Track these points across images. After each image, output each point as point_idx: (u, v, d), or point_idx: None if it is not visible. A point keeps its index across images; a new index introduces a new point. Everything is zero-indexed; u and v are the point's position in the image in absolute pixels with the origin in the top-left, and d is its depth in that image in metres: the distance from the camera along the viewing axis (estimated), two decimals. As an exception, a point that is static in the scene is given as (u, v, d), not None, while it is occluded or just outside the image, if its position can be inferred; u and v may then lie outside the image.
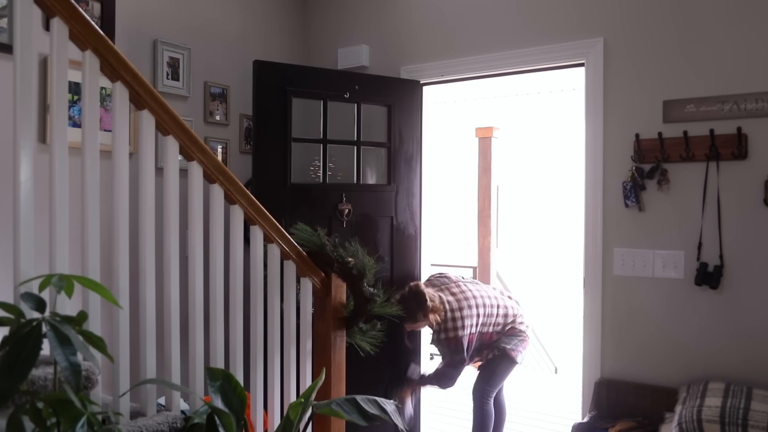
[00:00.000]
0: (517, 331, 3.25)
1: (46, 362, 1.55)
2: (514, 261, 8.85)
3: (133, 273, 1.80)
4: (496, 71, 3.40)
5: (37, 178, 1.53)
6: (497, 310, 3.23)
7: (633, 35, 2.95)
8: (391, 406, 1.79)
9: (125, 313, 1.74)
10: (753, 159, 2.69)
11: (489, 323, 3.20)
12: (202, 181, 1.96)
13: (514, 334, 3.24)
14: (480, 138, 6.26)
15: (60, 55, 1.60)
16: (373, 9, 3.77)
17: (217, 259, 2.01)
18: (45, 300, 1.28)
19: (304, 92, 3.34)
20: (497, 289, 3.45)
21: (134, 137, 2.74)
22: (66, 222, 1.60)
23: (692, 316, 2.82)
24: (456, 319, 3.09)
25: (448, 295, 3.19)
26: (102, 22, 2.80)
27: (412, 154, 3.58)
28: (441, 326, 3.11)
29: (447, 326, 3.10)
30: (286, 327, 2.28)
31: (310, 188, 3.38)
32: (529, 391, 5.08)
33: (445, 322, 3.11)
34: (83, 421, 1.18)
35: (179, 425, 1.76)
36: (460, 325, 3.09)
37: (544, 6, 3.19)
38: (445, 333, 3.11)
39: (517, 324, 3.27)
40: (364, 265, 2.31)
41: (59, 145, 1.59)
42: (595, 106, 3.04)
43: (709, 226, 2.78)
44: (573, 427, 2.80)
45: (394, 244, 3.53)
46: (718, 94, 2.75)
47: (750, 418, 2.27)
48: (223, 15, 3.48)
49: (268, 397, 2.25)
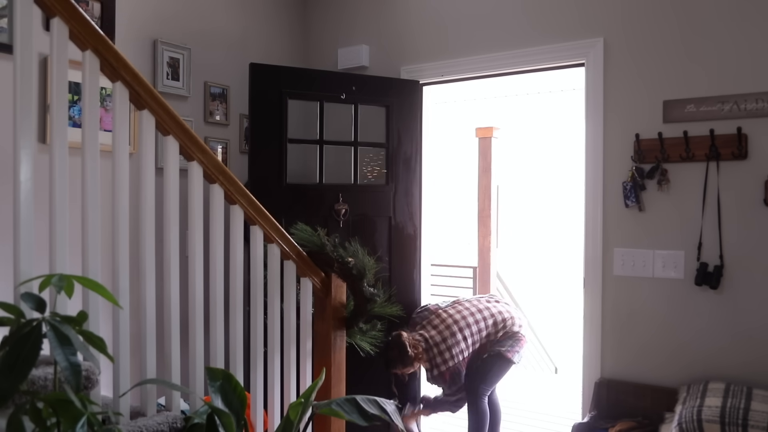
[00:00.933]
0: (511, 334, 3.23)
1: (46, 362, 1.55)
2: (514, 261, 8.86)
3: (133, 273, 1.80)
4: (496, 71, 3.40)
5: (37, 178, 1.53)
6: (485, 323, 3.19)
7: (633, 35, 2.95)
8: (391, 406, 1.79)
9: (125, 313, 1.74)
10: (753, 159, 2.69)
11: (480, 339, 3.18)
12: (202, 181, 1.96)
13: (509, 337, 3.23)
14: (480, 138, 6.25)
15: (60, 55, 1.60)
16: (373, 9, 3.77)
17: (217, 259, 2.01)
18: (45, 300, 1.28)
19: (300, 94, 3.36)
20: (482, 299, 3.39)
21: (134, 137, 2.75)
22: (66, 222, 1.60)
23: (692, 317, 2.82)
24: (443, 352, 3.06)
25: (430, 330, 3.14)
26: (102, 22, 2.80)
27: (411, 154, 3.58)
28: (431, 363, 3.08)
29: (437, 361, 3.07)
30: (286, 327, 2.28)
31: (306, 188, 3.39)
32: (529, 391, 5.08)
33: (434, 359, 3.07)
34: (83, 421, 1.18)
35: (179, 425, 1.76)
36: (449, 356, 3.06)
37: (544, 6, 3.19)
38: (437, 369, 3.08)
39: (510, 327, 3.24)
40: (364, 265, 2.31)
41: (59, 145, 1.59)
42: (595, 106, 3.04)
43: (709, 226, 2.78)
44: (573, 427, 2.80)
45: (392, 244, 3.53)
46: (718, 94, 2.75)
47: (750, 418, 2.27)
48: (223, 15, 3.48)
49: (268, 397, 2.25)
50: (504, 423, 3.56)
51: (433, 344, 3.08)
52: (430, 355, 3.08)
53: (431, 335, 3.11)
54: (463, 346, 3.10)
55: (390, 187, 3.53)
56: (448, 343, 3.07)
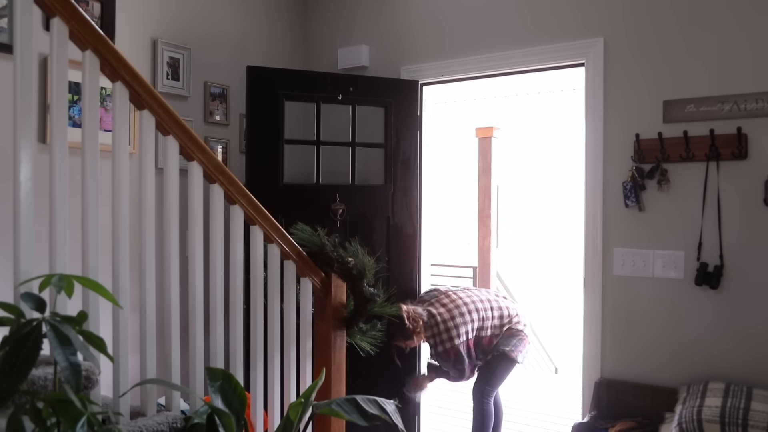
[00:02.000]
0: (514, 332, 3.25)
1: (46, 362, 1.55)
2: (514, 261, 8.86)
3: (133, 273, 1.80)
4: (496, 71, 3.40)
5: (37, 178, 1.53)
6: (492, 313, 3.23)
7: (633, 35, 2.95)
8: (391, 406, 1.79)
9: (125, 313, 1.74)
10: (753, 159, 2.69)
11: (486, 326, 3.20)
12: (202, 181, 1.96)
13: (512, 335, 3.24)
14: (480, 138, 6.26)
15: (60, 55, 1.60)
16: (373, 9, 3.77)
17: (217, 259, 2.01)
18: (45, 300, 1.28)
19: (297, 95, 3.36)
20: (491, 292, 3.44)
21: (134, 137, 2.75)
22: (66, 222, 1.60)
23: (692, 317, 2.82)
24: (450, 329, 3.09)
25: (438, 307, 3.18)
26: (102, 22, 2.80)
27: (410, 154, 3.58)
28: (436, 339, 3.11)
29: (442, 338, 3.09)
30: (286, 327, 2.28)
31: (303, 188, 3.39)
32: (529, 391, 5.08)
33: (439, 335, 3.10)
34: (83, 421, 1.18)
35: (179, 425, 1.76)
36: (455, 334, 3.08)
37: (544, 6, 3.19)
38: (442, 345, 3.10)
39: (515, 324, 3.27)
40: (364, 265, 2.31)
41: (59, 145, 1.59)
42: (595, 106, 3.04)
43: (709, 226, 2.78)
44: (573, 427, 2.80)
45: (390, 244, 3.53)
46: (718, 94, 2.75)
47: (750, 418, 2.27)
48: (223, 15, 3.48)
49: (268, 397, 2.24)
50: (504, 423, 3.57)
51: (440, 320, 3.10)
52: (435, 332, 3.10)
53: (439, 312, 3.14)
54: (470, 327, 3.13)
55: (388, 187, 3.53)
56: (456, 321, 3.09)
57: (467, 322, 3.12)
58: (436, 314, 3.13)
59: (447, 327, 3.09)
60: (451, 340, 3.09)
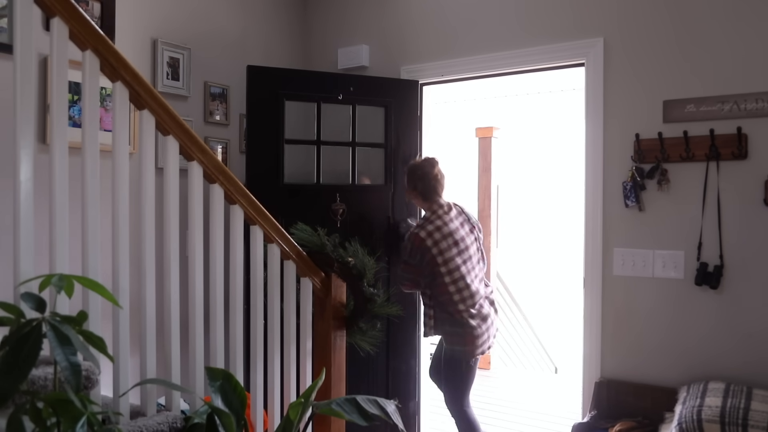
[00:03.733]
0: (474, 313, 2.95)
1: (46, 362, 1.55)
2: (514, 261, 8.85)
3: (133, 273, 1.80)
4: (496, 71, 3.40)
5: (37, 178, 1.53)
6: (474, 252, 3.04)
7: (633, 35, 2.95)
8: (391, 406, 1.79)
9: (125, 313, 1.74)
10: (753, 159, 2.69)
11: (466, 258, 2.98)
12: (202, 181, 1.96)
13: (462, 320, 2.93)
14: (480, 138, 6.25)
15: (60, 55, 1.61)
16: (373, 9, 3.77)
17: (217, 259, 2.01)
18: (45, 300, 1.28)
19: (297, 95, 3.36)
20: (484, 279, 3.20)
21: (134, 137, 2.75)
22: (66, 222, 1.60)
23: (692, 317, 2.82)
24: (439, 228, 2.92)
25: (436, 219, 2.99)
26: (102, 22, 2.80)
27: (410, 154, 3.58)
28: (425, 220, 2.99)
29: (426, 224, 2.95)
30: (286, 327, 2.28)
31: (303, 188, 3.39)
32: (529, 391, 5.08)
33: (426, 222, 2.97)
34: (83, 421, 1.18)
35: (179, 425, 1.76)
36: (439, 237, 2.90)
37: (544, 6, 3.19)
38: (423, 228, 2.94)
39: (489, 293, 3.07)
40: (364, 265, 2.31)
41: (59, 145, 1.59)
42: (595, 106, 3.04)
43: (709, 225, 2.78)
44: (573, 427, 2.80)
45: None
46: (718, 94, 2.75)
47: (750, 418, 2.27)
48: (224, 15, 3.48)
49: (268, 397, 2.25)
50: (504, 423, 3.57)
51: (436, 217, 2.98)
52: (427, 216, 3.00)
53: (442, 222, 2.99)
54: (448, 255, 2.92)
55: (388, 187, 3.53)
56: (443, 232, 2.93)
57: (452, 246, 2.93)
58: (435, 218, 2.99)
59: (437, 226, 2.94)
60: (430, 235, 2.90)
